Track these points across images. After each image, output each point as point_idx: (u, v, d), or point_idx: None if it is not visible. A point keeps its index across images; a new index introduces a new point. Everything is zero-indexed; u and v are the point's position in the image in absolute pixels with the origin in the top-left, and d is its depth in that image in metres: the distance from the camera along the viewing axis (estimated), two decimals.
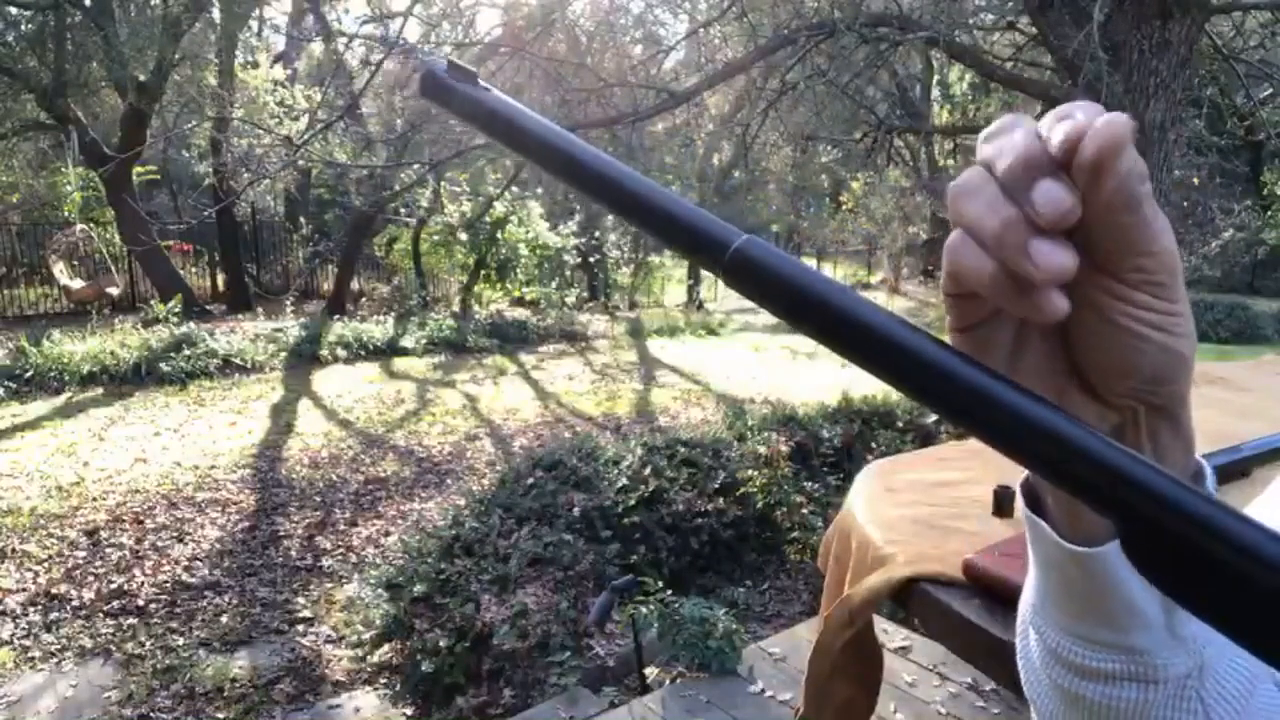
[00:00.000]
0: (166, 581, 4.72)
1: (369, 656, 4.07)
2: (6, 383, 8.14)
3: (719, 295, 19.18)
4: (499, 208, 13.25)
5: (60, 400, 8.10)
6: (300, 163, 9.67)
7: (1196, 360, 0.35)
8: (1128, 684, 0.39)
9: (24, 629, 4.21)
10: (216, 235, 14.39)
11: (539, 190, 14.63)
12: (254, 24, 16.17)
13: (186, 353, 9.24)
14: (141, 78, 11.59)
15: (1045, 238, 0.29)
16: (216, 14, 12.77)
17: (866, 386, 6.82)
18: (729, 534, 4.80)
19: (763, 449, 5.27)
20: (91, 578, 4.71)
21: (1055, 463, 0.28)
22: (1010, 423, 0.28)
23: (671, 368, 11.01)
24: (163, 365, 8.91)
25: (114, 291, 12.74)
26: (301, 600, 4.62)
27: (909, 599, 1.40)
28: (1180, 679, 0.39)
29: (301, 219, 15.89)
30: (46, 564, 4.84)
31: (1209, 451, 1.58)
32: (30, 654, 4.01)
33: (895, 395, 6.75)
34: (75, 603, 4.46)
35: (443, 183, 12.82)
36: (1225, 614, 0.27)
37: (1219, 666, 0.39)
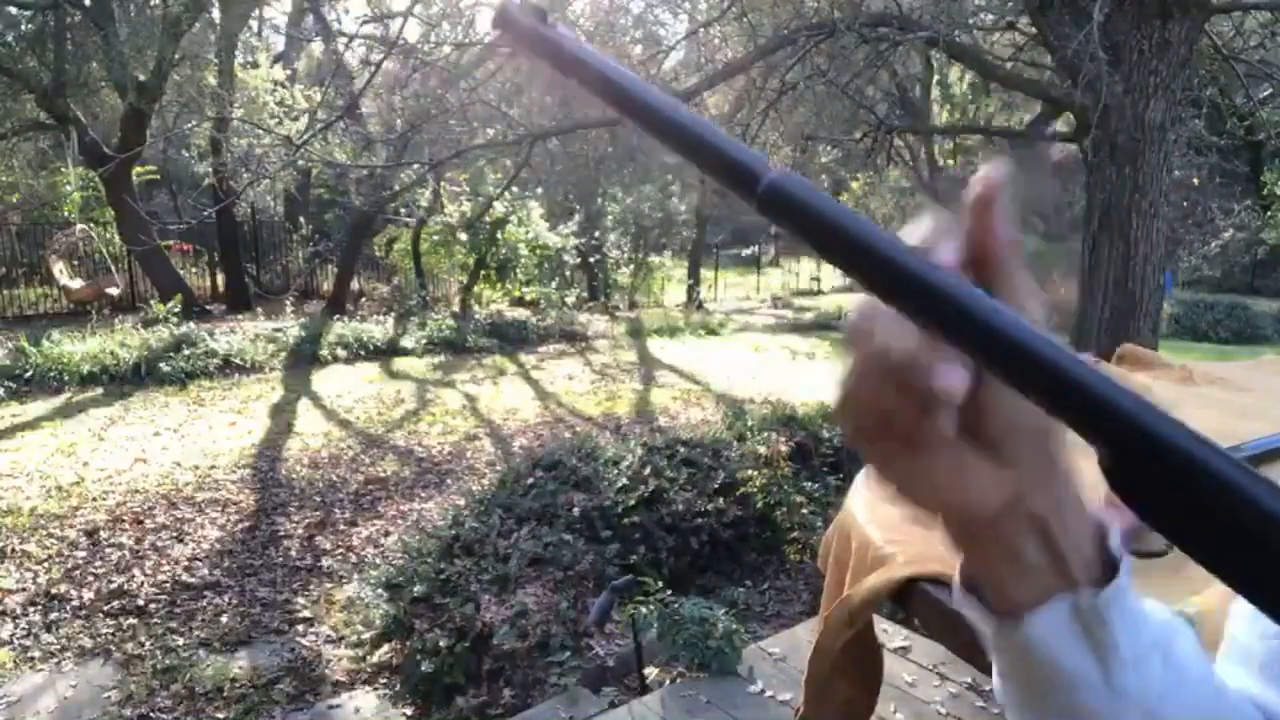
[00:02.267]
0: (166, 581, 4.72)
1: (369, 656, 4.07)
2: (6, 383, 8.14)
3: (719, 295, 19.18)
4: (499, 208, 13.25)
5: (60, 400, 8.10)
6: (300, 163, 9.67)
7: (1196, 360, 0.35)
8: None
9: (24, 629, 4.21)
10: (216, 235, 14.39)
11: (539, 190, 14.63)
12: (254, 24, 16.18)
13: (186, 353, 9.24)
14: (141, 78, 11.59)
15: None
16: (216, 14, 12.77)
17: None
18: (729, 534, 4.80)
19: (763, 449, 5.27)
20: (91, 578, 4.71)
21: (1058, 396, 0.30)
22: (1027, 362, 0.30)
23: (671, 368, 11.01)
24: (163, 365, 8.91)
25: (114, 291, 12.74)
26: (301, 600, 4.62)
27: (909, 599, 1.40)
28: None
29: (301, 219, 15.89)
30: (46, 564, 4.84)
31: None
32: (30, 654, 4.01)
33: None
34: (75, 603, 4.46)
35: (443, 183, 12.81)
36: (1204, 546, 0.28)
37: (1164, 714, 0.40)
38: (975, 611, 0.41)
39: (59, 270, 12.46)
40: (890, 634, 3.42)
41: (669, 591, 3.71)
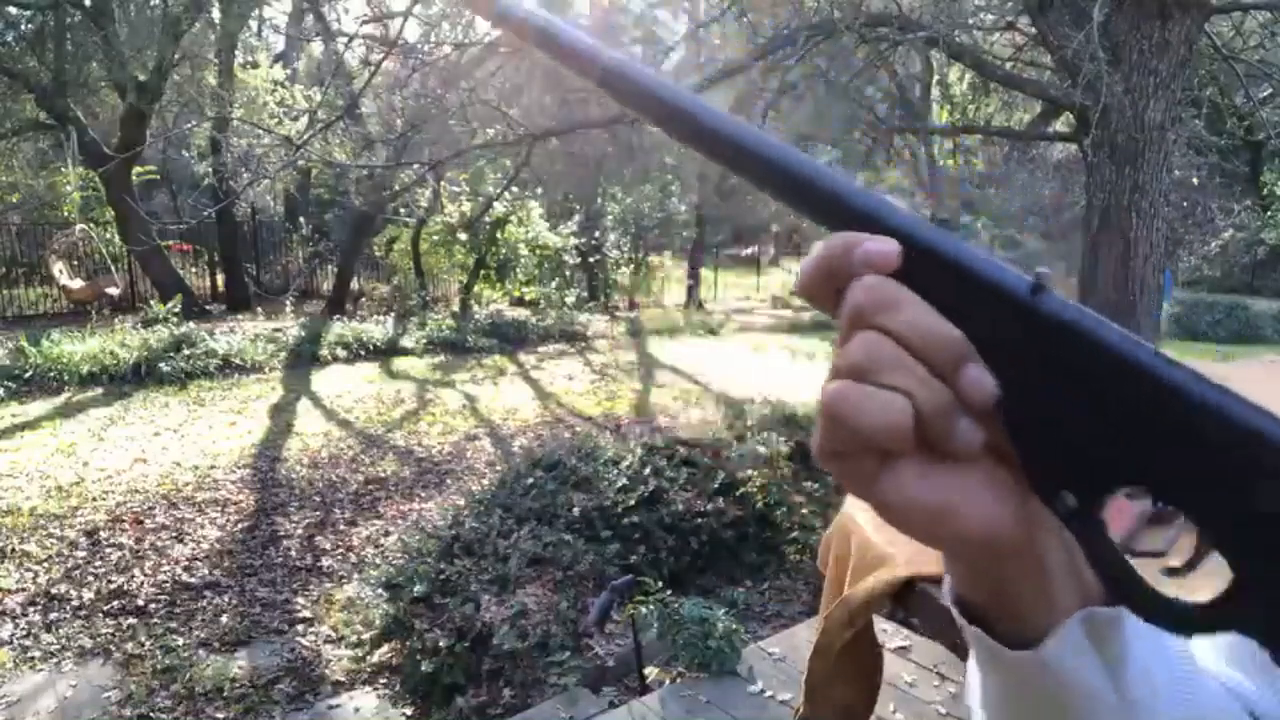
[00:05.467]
0: (166, 581, 4.72)
1: (369, 656, 4.07)
2: (6, 383, 8.13)
3: (719, 295, 19.18)
4: (499, 208, 13.25)
5: (60, 400, 8.10)
6: (300, 163, 9.66)
7: (1197, 360, 0.35)
8: None
9: (24, 629, 4.21)
10: (216, 235, 14.39)
11: (539, 190, 14.63)
12: (254, 24, 16.18)
13: (186, 353, 9.24)
14: (141, 78, 11.59)
15: (968, 417, 0.31)
16: (216, 14, 12.77)
17: None
18: (729, 534, 4.80)
19: (763, 449, 5.27)
20: (91, 578, 4.71)
21: (837, 217, 0.35)
22: (818, 193, 0.36)
23: (671, 368, 11.01)
24: (162, 365, 8.91)
25: (113, 291, 12.73)
26: (301, 600, 4.62)
27: (909, 599, 1.40)
28: None
29: (301, 219, 15.89)
30: (46, 564, 4.84)
31: None
32: (30, 654, 4.00)
33: None
34: (75, 603, 4.45)
35: (443, 183, 12.81)
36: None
37: (1169, 715, 0.39)
38: (982, 641, 0.38)
39: (59, 270, 12.45)
40: (890, 634, 3.42)
41: (669, 591, 3.71)
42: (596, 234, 16.03)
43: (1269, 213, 16.00)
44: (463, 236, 13.74)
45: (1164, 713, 0.39)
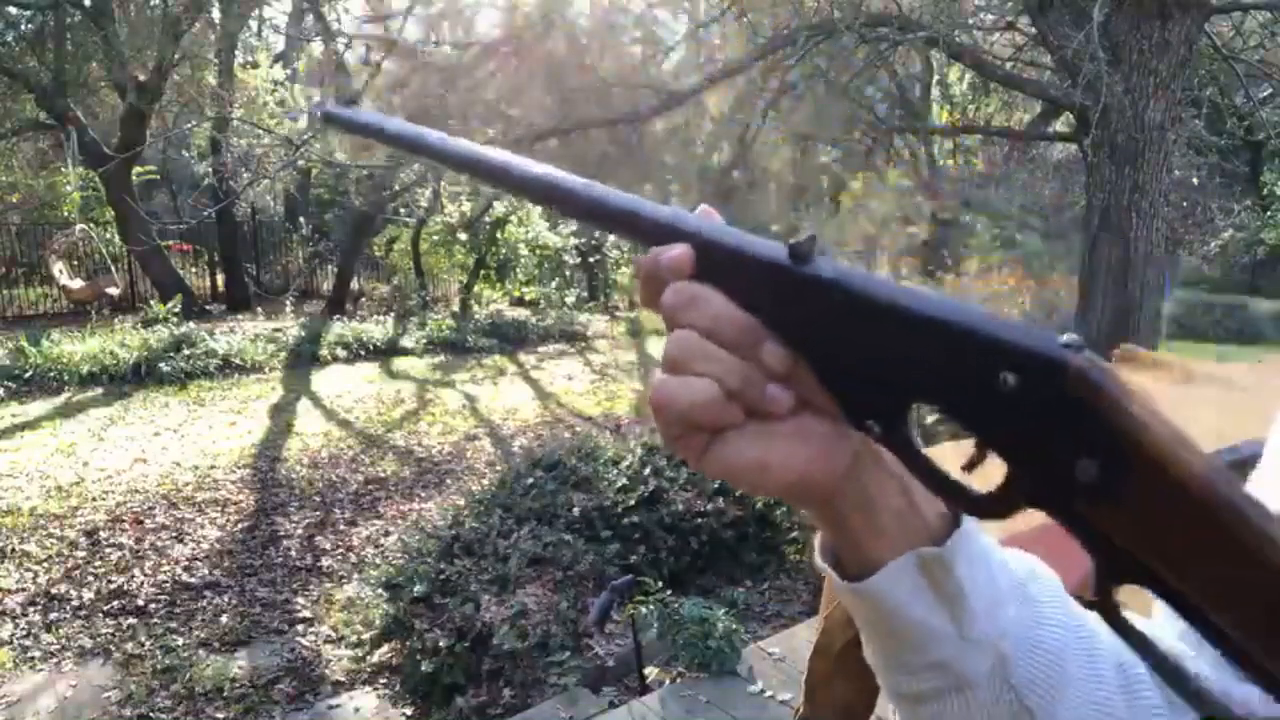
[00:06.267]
0: (166, 581, 4.72)
1: (369, 656, 4.07)
2: (6, 383, 8.13)
3: None
4: (499, 208, 13.24)
5: (60, 400, 8.10)
6: (300, 163, 9.66)
7: (1197, 360, 0.35)
8: (949, 696, 0.41)
9: (24, 629, 4.21)
10: (216, 235, 14.37)
11: None
12: (254, 24, 16.17)
13: (186, 353, 9.24)
14: (141, 78, 11.58)
15: (774, 384, 0.37)
16: (216, 14, 12.76)
17: None
18: (729, 534, 4.80)
19: None
20: (91, 578, 4.71)
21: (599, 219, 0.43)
22: (558, 194, 0.44)
23: None
24: (162, 365, 8.91)
25: (113, 291, 12.72)
26: (301, 600, 4.62)
27: None
28: (988, 677, 0.41)
29: (301, 219, 15.87)
30: (46, 564, 4.84)
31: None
32: (30, 654, 4.01)
33: None
34: (75, 603, 4.45)
35: (443, 183, 12.80)
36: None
37: (1019, 655, 0.41)
38: (833, 575, 0.42)
39: (59, 270, 12.43)
40: None
41: (669, 591, 3.71)
42: (596, 234, 16.02)
43: (1269, 213, 15.97)
44: (463, 236, 13.73)
45: (1011, 652, 0.41)
